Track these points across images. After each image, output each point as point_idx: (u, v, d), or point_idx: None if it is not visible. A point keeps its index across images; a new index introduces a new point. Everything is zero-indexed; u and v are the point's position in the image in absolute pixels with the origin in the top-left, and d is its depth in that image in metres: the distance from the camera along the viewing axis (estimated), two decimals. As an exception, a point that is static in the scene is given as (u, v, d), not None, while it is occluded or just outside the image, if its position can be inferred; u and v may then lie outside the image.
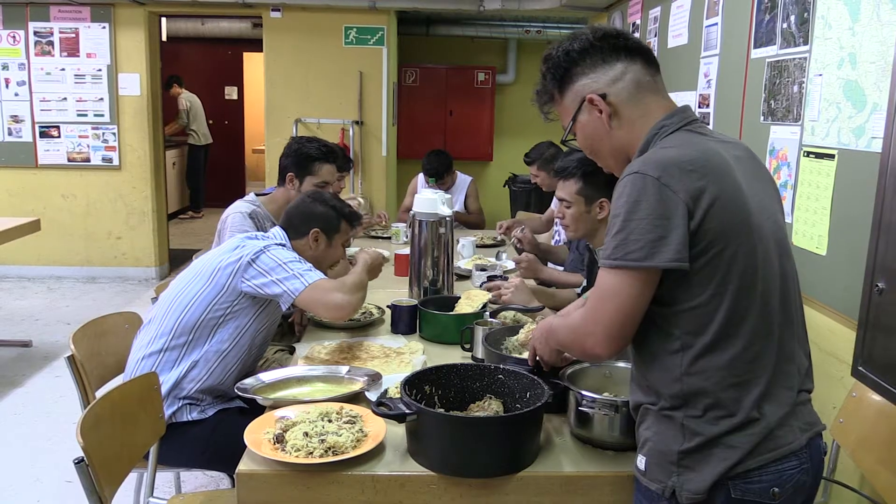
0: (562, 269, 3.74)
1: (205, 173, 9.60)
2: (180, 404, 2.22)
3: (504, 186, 7.71)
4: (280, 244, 2.30)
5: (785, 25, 2.66)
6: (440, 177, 4.68)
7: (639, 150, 1.40)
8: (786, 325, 1.35)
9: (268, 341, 2.46)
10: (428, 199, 2.75)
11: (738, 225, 1.28)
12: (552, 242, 4.19)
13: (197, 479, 3.15)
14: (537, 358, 1.70)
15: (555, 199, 4.17)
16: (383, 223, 4.48)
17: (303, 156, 3.02)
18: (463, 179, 4.91)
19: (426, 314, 2.44)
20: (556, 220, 4.15)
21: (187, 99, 9.13)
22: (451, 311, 2.47)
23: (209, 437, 2.23)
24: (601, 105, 1.41)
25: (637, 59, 1.42)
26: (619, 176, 1.45)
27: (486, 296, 2.55)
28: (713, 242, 1.26)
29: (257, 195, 3.10)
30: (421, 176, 4.90)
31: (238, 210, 2.91)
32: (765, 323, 1.31)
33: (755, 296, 1.30)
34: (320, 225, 2.43)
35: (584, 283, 2.82)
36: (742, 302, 1.29)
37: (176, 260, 6.95)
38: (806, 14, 2.51)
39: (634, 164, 1.32)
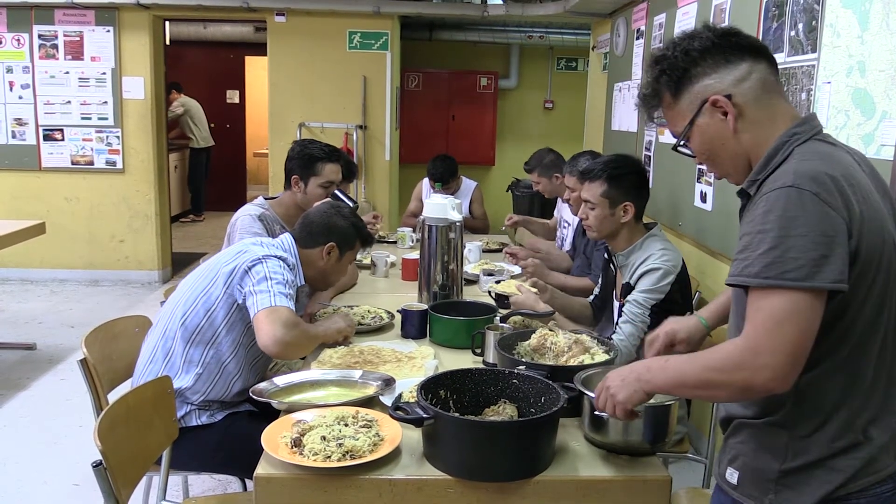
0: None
1: (206, 177, 9.61)
2: (188, 409, 2.23)
3: (507, 191, 7.74)
4: (278, 257, 2.23)
5: (793, 33, 2.68)
6: (446, 182, 4.69)
7: (765, 156, 1.31)
8: (895, 349, 1.31)
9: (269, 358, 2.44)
10: (438, 205, 2.76)
11: (879, 247, 1.23)
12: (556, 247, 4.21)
13: (204, 483, 3.15)
14: (605, 408, 1.50)
15: (559, 205, 4.20)
16: (378, 224, 4.47)
17: (306, 157, 3.05)
18: (468, 185, 4.93)
19: (437, 318, 2.46)
20: (561, 225, 4.17)
21: (182, 104, 9.13)
22: (462, 315, 2.48)
23: (220, 441, 2.24)
24: (727, 107, 1.33)
25: (761, 58, 1.34)
26: (736, 182, 1.40)
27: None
28: (862, 265, 1.21)
29: (266, 199, 3.11)
30: (425, 181, 4.92)
31: (248, 213, 2.93)
32: (883, 348, 1.27)
33: (882, 321, 1.26)
34: (337, 239, 2.43)
35: (597, 291, 2.83)
36: (872, 327, 1.25)
37: (178, 263, 6.96)
38: (814, 22, 2.53)
39: (783, 177, 1.23)
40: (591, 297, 2.83)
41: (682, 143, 1.42)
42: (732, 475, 1.37)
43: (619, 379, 1.46)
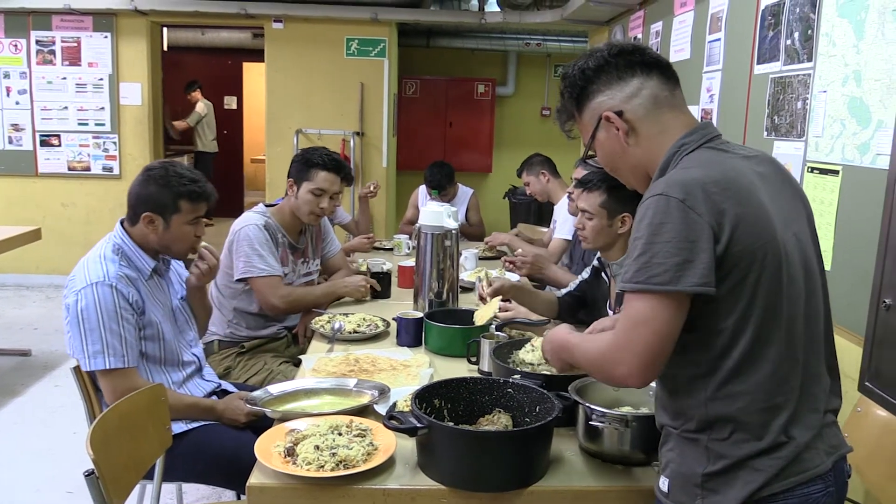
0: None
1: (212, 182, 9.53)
2: None
3: (504, 198, 7.74)
4: (99, 283, 2.11)
5: (789, 42, 2.69)
6: (443, 188, 4.69)
7: (659, 168, 1.38)
8: (811, 346, 1.33)
9: (176, 337, 2.34)
10: (434, 212, 2.75)
11: (762, 247, 1.26)
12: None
13: (199, 491, 3.13)
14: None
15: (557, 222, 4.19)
16: (372, 189, 4.50)
17: (304, 161, 3.01)
18: (464, 192, 4.93)
19: (432, 327, 2.45)
20: (551, 225, 4.16)
21: (207, 105, 9.14)
22: (457, 323, 2.47)
23: (196, 451, 2.21)
24: (617, 122, 1.39)
25: (653, 73, 1.40)
26: (641, 193, 1.43)
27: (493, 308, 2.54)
28: (738, 267, 1.24)
29: (266, 206, 3.07)
30: (422, 188, 4.92)
31: (253, 223, 2.88)
32: (790, 346, 1.29)
33: (780, 319, 1.28)
34: (151, 206, 2.20)
35: (570, 288, 2.80)
36: (767, 326, 1.27)
37: (175, 269, 6.93)
38: (810, 31, 2.54)
39: (657, 186, 1.29)
40: (563, 291, 2.79)
41: (588, 155, 1.50)
42: (664, 483, 1.39)
43: (549, 353, 1.64)
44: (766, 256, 1.26)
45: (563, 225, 3.92)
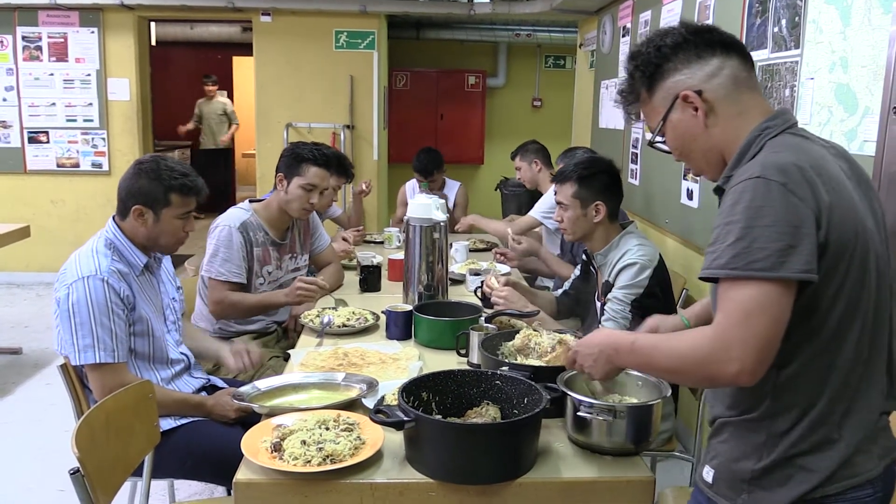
0: (551, 284, 3.78)
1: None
2: None
3: (495, 190, 7.73)
4: (90, 276, 2.10)
5: (776, 29, 2.68)
6: (430, 174, 4.68)
7: (738, 151, 1.31)
8: (874, 345, 1.28)
9: (164, 337, 2.33)
10: (422, 205, 2.74)
11: (853, 238, 1.21)
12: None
13: (191, 487, 3.12)
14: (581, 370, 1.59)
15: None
16: (365, 188, 4.53)
17: (294, 156, 2.97)
18: (451, 185, 4.93)
19: (421, 319, 2.44)
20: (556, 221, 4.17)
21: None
22: (447, 315, 2.47)
23: (186, 448, 2.20)
24: (697, 102, 1.33)
25: (733, 53, 1.34)
26: (712, 179, 1.39)
27: None
28: (831, 256, 1.19)
29: (252, 202, 3.04)
30: (409, 185, 4.92)
31: (227, 223, 2.85)
32: (860, 342, 1.25)
33: (858, 315, 1.24)
34: (142, 200, 2.19)
35: (565, 287, 2.83)
36: (846, 320, 1.23)
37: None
38: (797, 18, 2.53)
39: (751, 169, 1.21)
40: (559, 291, 2.83)
41: (657, 139, 1.43)
42: (708, 473, 1.37)
43: (591, 359, 1.52)
44: (856, 248, 1.22)
45: (538, 206, 3.94)
